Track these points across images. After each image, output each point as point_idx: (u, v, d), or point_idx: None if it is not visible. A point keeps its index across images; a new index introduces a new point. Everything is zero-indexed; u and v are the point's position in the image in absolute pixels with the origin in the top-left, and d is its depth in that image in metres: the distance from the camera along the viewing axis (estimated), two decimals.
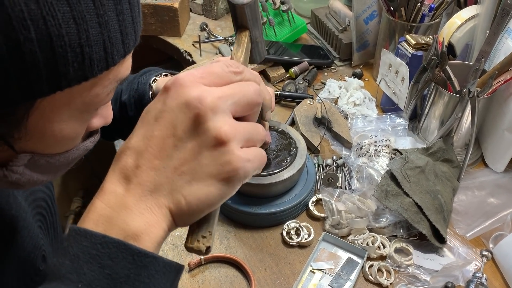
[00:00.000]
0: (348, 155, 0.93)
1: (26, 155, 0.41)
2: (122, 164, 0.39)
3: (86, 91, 0.39)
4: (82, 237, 0.36)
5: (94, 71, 0.37)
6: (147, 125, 0.40)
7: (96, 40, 0.36)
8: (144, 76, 0.79)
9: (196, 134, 0.38)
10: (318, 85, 1.17)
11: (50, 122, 0.39)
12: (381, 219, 0.80)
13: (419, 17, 1.04)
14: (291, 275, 0.75)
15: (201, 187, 0.38)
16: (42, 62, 0.33)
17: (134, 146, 0.39)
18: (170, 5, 1.32)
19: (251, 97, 0.41)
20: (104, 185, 0.39)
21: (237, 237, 0.81)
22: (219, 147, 0.37)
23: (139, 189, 0.38)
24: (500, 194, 0.87)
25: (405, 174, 0.80)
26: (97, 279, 0.35)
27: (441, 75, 0.90)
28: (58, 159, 0.45)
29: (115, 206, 0.38)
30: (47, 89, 0.35)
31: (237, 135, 0.38)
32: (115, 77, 0.41)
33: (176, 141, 0.38)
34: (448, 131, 0.91)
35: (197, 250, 0.39)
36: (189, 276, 0.75)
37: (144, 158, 0.38)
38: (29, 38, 0.32)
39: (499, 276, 0.75)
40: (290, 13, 1.29)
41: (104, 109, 0.50)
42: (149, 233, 0.37)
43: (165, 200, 0.38)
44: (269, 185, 0.78)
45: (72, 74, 0.35)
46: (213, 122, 0.37)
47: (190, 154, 0.38)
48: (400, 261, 0.74)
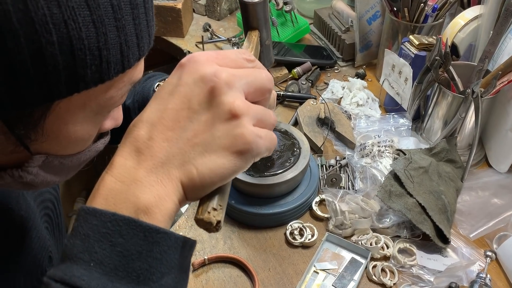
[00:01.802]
0: (352, 156, 0.94)
1: (41, 156, 0.42)
2: (134, 136, 0.39)
3: (102, 94, 0.39)
4: (91, 216, 0.35)
5: (111, 74, 0.37)
6: (161, 99, 0.40)
7: (114, 44, 0.36)
8: (148, 81, 0.80)
9: (211, 106, 0.38)
10: (321, 86, 1.17)
11: (65, 124, 0.40)
12: (384, 220, 0.80)
13: (423, 17, 1.04)
14: (294, 275, 0.75)
15: (213, 159, 0.38)
16: (62, 64, 0.34)
17: (147, 119, 0.39)
18: (173, 5, 1.32)
19: (264, 82, 0.42)
20: (114, 159, 0.39)
21: (241, 237, 0.81)
22: (233, 120, 0.38)
23: (151, 161, 0.38)
24: (503, 194, 0.87)
25: (408, 175, 0.80)
26: (108, 257, 0.35)
27: (444, 75, 0.90)
28: (71, 160, 0.45)
29: (125, 179, 0.37)
30: (65, 91, 0.35)
31: (250, 112, 0.39)
32: (129, 79, 0.41)
33: (190, 113, 0.38)
34: (451, 131, 0.91)
35: (207, 222, 0.38)
36: (193, 276, 0.75)
37: (157, 130, 0.38)
38: (51, 42, 0.32)
39: (503, 277, 0.75)
40: (293, 14, 1.29)
41: (116, 111, 0.50)
42: (159, 206, 0.37)
43: (176, 172, 0.38)
44: (273, 186, 0.78)
45: (90, 77, 0.36)
46: (228, 96, 0.38)
47: (203, 126, 0.38)
48: (404, 262, 0.74)
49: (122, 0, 0.36)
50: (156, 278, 0.36)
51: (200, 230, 0.81)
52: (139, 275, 0.35)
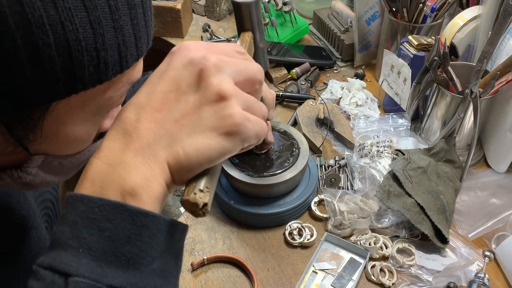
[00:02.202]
0: (351, 156, 0.94)
1: (40, 157, 0.42)
2: (122, 119, 0.39)
3: (100, 94, 0.39)
4: (79, 203, 0.35)
5: (109, 75, 0.37)
6: (150, 84, 0.40)
7: (111, 44, 0.36)
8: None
9: (199, 88, 0.38)
10: (321, 86, 1.17)
11: (64, 125, 0.40)
12: (383, 220, 0.80)
13: (421, 17, 1.04)
14: (293, 275, 0.75)
15: (200, 139, 0.38)
16: (59, 66, 0.34)
17: (136, 102, 0.39)
18: (173, 6, 1.32)
19: (254, 72, 0.42)
20: (102, 142, 0.39)
21: (240, 237, 0.81)
22: (221, 101, 0.38)
23: (137, 143, 0.37)
24: (502, 194, 0.87)
25: (407, 175, 0.80)
26: (97, 242, 0.35)
27: (443, 75, 0.90)
28: (70, 160, 0.45)
29: (111, 162, 0.37)
30: (63, 93, 0.35)
31: (239, 95, 0.39)
32: (128, 79, 0.41)
33: (178, 95, 0.39)
34: (450, 131, 0.91)
35: (193, 203, 0.37)
36: (192, 276, 0.75)
37: (145, 112, 0.38)
38: (48, 43, 0.32)
39: (501, 277, 0.75)
40: (292, 14, 1.29)
41: (115, 111, 0.50)
42: (146, 188, 0.36)
43: (163, 153, 0.38)
44: (272, 186, 0.78)
45: (88, 78, 0.36)
46: (216, 78, 0.38)
47: (191, 107, 0.38)
48: (402, 262, 0.75)
49: (120, 1, 0.36)
50: (146, 262, 0.36)
51: (199, 230, 0.81)
52: (128, 259, 0.35)
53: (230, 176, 0.80)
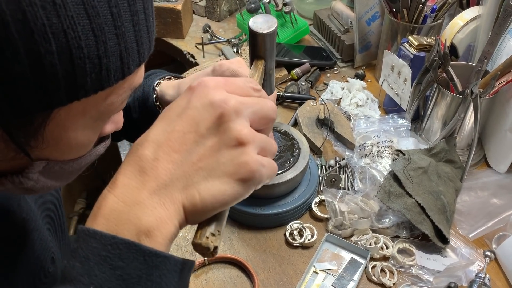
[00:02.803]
0: (351, 156, 0.94)
1: (41, 162, 0.42)
2: (139, 155, 0.39)
3: (102, 100, 0.39)
4: (91, 238, 0.35)
5: (111, 81, 0.37)
6: (169, 120, 0.40)
7: (114, 51, 0.36)
8: (149, 79, 0.80)
9: (218, 132, 0.39)
10: (321, 86, 1.17)
11: (66, 130, 0.40)
12: (384, 220, 0.80)
13: (422, 18, 1.04)
14: (294, 276, 0.75)
15: (216, 184, 0.38)
16: (62, 73, 0.34)
17: (154, 139, 0.39)
18: (173, 7, 1.32)
19: (268, 112, 0.42)
20: (117, 178, 0.39)
21: (241, 238, 0.81)
22: (239, 147, 0.38)
23: (154, 183, 0.38)
24: (503, 194, 0.87)
25: (407, 175, 0.80)
26: (108, 280, 0.35)
27: (443, 76, 0.90)
28: (71, 165, 0.45)
29: (127, 200, 0.37)
30: (65, 99, 0.35)
31: (255, 140, 0.39)
32: (129, 85, 0.41)
33: (197, 137, 0.39)
34: (450, 131, 0.91)
35: (205, 247, 0.38)
36: (193, 277, 0.75)
37: (163, 151, 0.38)
38: (50, 51, 0.32)
39: (502, 277, 0.75)
40: (292, 15, 1.29)
41: (116, 115, 0.50)
42: (161, 229, 0.37)
43: (179, 195, 0.38)
44: (272, 186, 0.79)
45: (90, 85, 0.36)
46: (235, 123, 0.39)
47: (209, 151, 0.38)
48: (403, 262, 0.75)
49: (122, 7, 0.36)
50: None
51: None
52: None
53: None
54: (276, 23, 0.56)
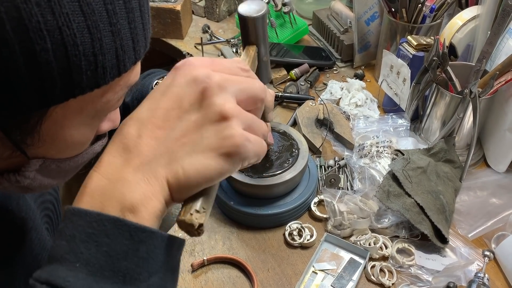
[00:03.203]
0: (350, 156, 0.94)
1: (37, 161, 0.42)
2: (123, 133, 0.39)
3: (98, 98, 0.39)
4: (76, 217, 0.35)
5: (107, 79, 0.37)
6: (153, 99, 0.40)
7: (109, 48, 0.36)
8: (147, 78, 0.80)
9: (201, 107, 0.38)
10: (320, 87, 1.17)
11: (62, 128, 0.40)
12: (383, 220, 0.80)
13: (420, 18, 1.04)
14: (293, 276, 0.75)
15: (200, 159, 0.38)
16: (57, 71, 0.34)
17: (138, 117, 0.39)
18: (173, 7, 1.32)
19: (256, 91, 0.42)
20: (102, 156, 0.39)
21: (240, 238, 0.81)
22: (222, 121, 0.38)
23: (138, 159, 0.38)
24: (502, 194, 0.87)
25: (406, 175, 0.80)
26: (94, 257, 0.35)
27: (442, 75, 0.90)
28: (68, 163, 0.45)
29: (112, 177, 0.37)
30: (61, 97, 0.35)
31: (240, 115, 0.39)
32: (125, 83, 0.41)
33: (180, 112, 0.39)
34: (450, 131, 0.91)
35: (189, 224, 0.37)
36: (192, 277, 0.75)
37: (146, 128, 0.39)
38: (45, 48, 0.32)
39: (501, 276, 0.75)
40: (291, 15, 1.29)
41: (113, 113, 0.50)
42: (146, 205, 0.37)
43: (163, 171, 0.38)
44: (271, 186, 0.79)
45: (85, 82, 0.36)
46: (219, 98, 0.38)
47: (193, 126, 0.38)
48: (402, 262, 0.75)
49: (117, 5, 0.36)
50: (143, 277, 0.36)
51: None
52: (125, 275, 0.35)
53: (230, 177, 0.80)
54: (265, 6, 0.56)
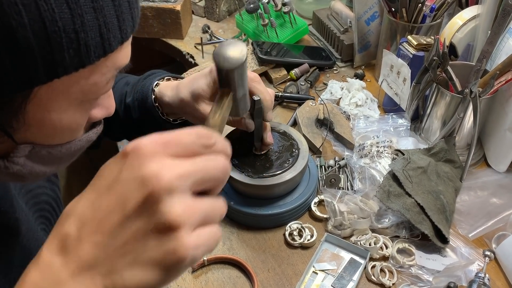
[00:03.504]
0: (350, 156, 0.94)
1: (26, 146, 0.41)
2: (65, 231, 0.36)
3: (84, 79, 0.38)
4: None
5: (91, 58, 0.36)
6: (98, 193, 0.37)
7: (92, 26, 0.35)
8: (148, 79, 0.80)
9: (146, 214, 0.34)
10: (320, 86, 1.17)
11: (49, 111, 0.39)
12: (383, 220, 0.80)
13: (421, 17, 1.04)
14: (294, 276, 0.75)
15: (140, 272, 0.35)
16: (37, 48, 0.33)
17: (80, 213, 0.36)
18: (172, 7, 1.32)
19: (216, 175, 0.38)
20: (42, 252, 0.37)
21: (240, 238, 0.81)
22: (168, 232, 0.34)
23: (76, 263, 0.35)
24: (502, 194, 0.87)
25: (407, 175, 0.80)
26: None
27: (442, 75, 0.90)
28: (60, 150, 0.45)
29: (50, 280, 0.35)
30: (44, 77, 0.35)
31: (190, 218, 0.35)
32: (113, 64, 0.40)
33: (123, 218, 0.35)
34: (450, 131, 0.91)
35: None
36: (192, 277, 0.75)
37: (87, 230, 0.35)
38: (22, 24, 0.31)
39: (502, 276, 0.75)
40: (291, 15, 1.29)
41: (106, 100, 0.49)
42: None
43: (101, 280, 0.35)
44: (272, 187, 0.78)
45: (68, 61, 0.35)
46: (166, 205, 0.34)
47: (135, 235, 0.35)
48: (403, 262, 0.75)
49: None
50: None
51: None
52: None
53: (229, 177, 0.80)
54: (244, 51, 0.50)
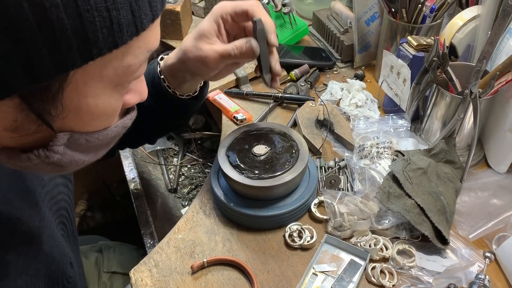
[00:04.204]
0: (350, 157, 0.93)
1: (65, 134, 0.42)
2: None
3: (118, 61, 0.38)
4: None
5: (124, 37, 0.36)
6: None
7: (123, 3, 0.35)
8: (153, 61, 0.80)
9: None
10: (320, 87, 1.17)
11: (85, 97, 0.39)
12: (383, 221, 0.80)
13: (421, 18, 1.04)
14: (293, 278, 0.75)
15: None
16: (71, 29, 0.33)
17: None
18: (172, 8, 1.32)
19: None
20: None
21: (240, 239, 0.81)
22: None
23: None
24: (503, 195, 0.87)
25: (407, 176, 0.80)
26: None
27: (442, 76, 0.90)
28: (97, 137, 0.45)
29: None
30: (78, 60, 0.35)
31: None
32: (145, 45, 0.40)
33: None
34: (450, 132, 0.91)
35: None
36: (191, 279, 0.75)
37: None
38: (55, 4, 0.31)
39: (502, 278, 0.75)
40: (291, 15, 1.29)
41: (138, 84, 0.49)
42: None
43: None
44: (271, 188, 0.78)
45: (102, 41, 0.35)
46: None
47: None
48: (403, 263, 0.74)
49: None
50: None
51: (199, 233, 0.82)
52: None
53: (229, 179, 0.80)
54: None
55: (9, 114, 0.37)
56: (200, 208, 0.87)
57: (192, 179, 1.33)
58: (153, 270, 0.76)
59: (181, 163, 1.40)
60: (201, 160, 1.40)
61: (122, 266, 1.08)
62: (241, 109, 1.08)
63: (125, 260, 1.10)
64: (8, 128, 0.39)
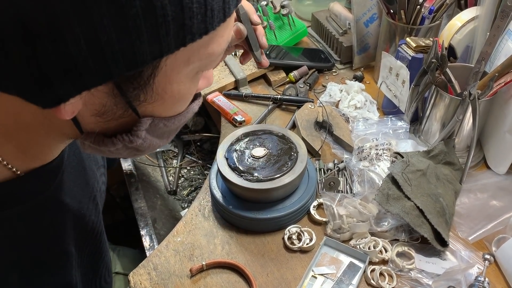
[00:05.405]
0: (350, 159, 0.93)
1: (148, 119, 0.43)
2: None
3: (204, 48, 0.39)
4: None
5: (214, 23, 0.37)
6: None
7: None
8: None
9: None
10: (319, 89, 1.17)
11: (171, 83, 0.40)
12: (382, 223, 0.79)
13: (419, 19, 1.04)
14: (293, 280, 0.75)
15: None
16: (171, 15, 0.33)
17: None
18: None
19: None
20: None
21: (239, 242, 0.81)
22: None
23: None
24: (502, 196, 0.87)
25: (406, 178, 0.80)
26: None
27: (441, 77, 0.89)
28: (173, 122, 0.46)
29: None
30: (173, 45, 0.35)
31: None
32: (227, 34, 0.41)
33: None
34: (449, 133, 0.90)
35: None
36: (190, 282, 0.75)
37: None
38: None
39: (502, 280, 0.74)
40: (290, 17, 1.29)
41: (209, 72, 0.51)
42: None
43: None
44: (270, 190, 0.78)
45: (196, 27, 0.36)
46: None
47: None
48: (402, 265, 0.74)
49: None
50: None
51: (198, 235, 0.81)
52: None
53: (228, 181, 0.80)
54: None
55: (100, 100, 0.38)
56: (199, 210, 0.87)
57: (192, 181, 1.33)
58: (152, 273, 0.76)
59: (181, 165, 1.39)
60: (200, 162, 1.40)
61: (124, 268, 1.08)
62: (240, 111, 1.08)
63: (128, 262, 1.11)
64: (97, 113, 0.40)
